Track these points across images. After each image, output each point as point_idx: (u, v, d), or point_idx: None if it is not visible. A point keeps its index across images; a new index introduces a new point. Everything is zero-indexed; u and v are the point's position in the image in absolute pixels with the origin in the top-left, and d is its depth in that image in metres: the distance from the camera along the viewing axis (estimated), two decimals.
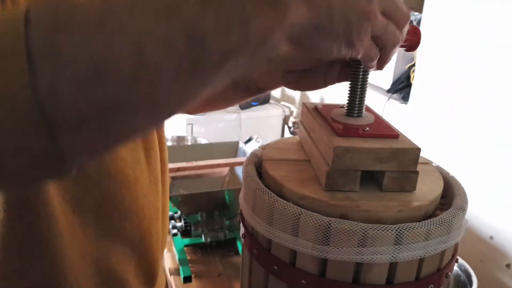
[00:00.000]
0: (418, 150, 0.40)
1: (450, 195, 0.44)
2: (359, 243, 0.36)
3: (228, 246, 1.00)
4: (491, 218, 1.26)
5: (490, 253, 1.27)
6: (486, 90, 1.26)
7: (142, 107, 0.27)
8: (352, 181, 0.40)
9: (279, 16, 0.28)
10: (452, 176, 0.47)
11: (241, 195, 0.46)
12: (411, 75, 1.59)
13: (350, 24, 0.32)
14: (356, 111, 0.44)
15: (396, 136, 0.42)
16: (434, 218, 0.37)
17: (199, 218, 1.03)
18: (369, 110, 0.48)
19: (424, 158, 0.49)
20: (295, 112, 2.41)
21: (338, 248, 0.36)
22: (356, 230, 0.35)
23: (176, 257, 0.95)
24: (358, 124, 0.43)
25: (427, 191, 0.41)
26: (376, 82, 1.78)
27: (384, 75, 1.74)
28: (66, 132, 0.26)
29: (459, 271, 0.97)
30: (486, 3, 1.24)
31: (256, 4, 0.27)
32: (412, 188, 0.41)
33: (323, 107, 0.48)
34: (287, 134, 2.37)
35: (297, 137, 0.54)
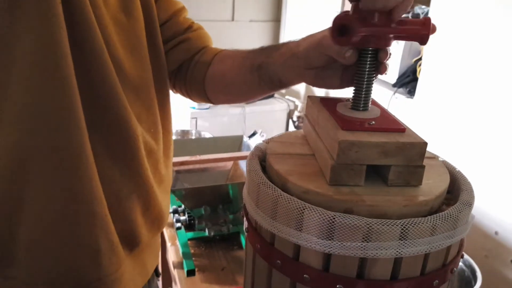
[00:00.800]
0: (425, 144, 0.39)
1: (457, 190, 0.44)
2: (363, 238, 0.35)
3: (232, 240, 1.00)
4: (496, 213, 1.25)
5: (495, 248, 1.26)
6: (494, 84, 1.25)
7: None
8: (357, 175, 0.39)
9: None
10: (458, 171, 0.46)
11: (244, 189, 0.46)
12: (418, 69, 1.58)
13: None
14: (362, 105, 0.44)
15: (403, 130, 0.41)
16: (440, 213, 0.37)
17: (203, 212, 1.03)
18: (375, 103, 0.47)
19: (430, 152, 0.49)
20: (300, 106, 2.40)
21: (342, 243, 0.35)
22: (360, 225, 0.35)
23: (180, 250, 0.96)
24: (364, 117, 0.43)
25: (433, 186, 0.41)
26: (382, 76, 1.76)
27: (390, 69, 1.72)
28: None
29: (463, 267, 0.96)
30: None
31: None
32: (418, 183, 0.40)
33: (329, 101, 0.48)
34: (292, 129, 2.37)
35: (301, 131, 0.53)
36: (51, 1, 0.43)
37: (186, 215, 1.05)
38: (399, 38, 0.41)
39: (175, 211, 1.07)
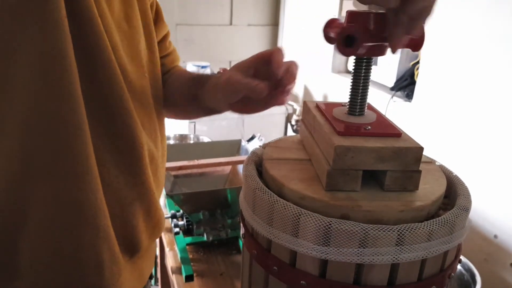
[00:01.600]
0: (421, 149, 0.39)
1: (454, 195, 0.43)
2: (360, 244, 0.35)
3: (230, 245, 1.00)
4: (495, 217, 1.25)
5: (494, 252, 1.26)
6: (491, 87, 1.25)
7: None
8: (354, 180, 0.39)
9: None
10: (455, 175, 0.46)
11: (241, 195, 0.46)
12: (415, 73, 1.58)
13: None
14: (357, 110, 0.44)
15: (399, 134, 0.41)
16: (437, 219, 0.37)
17: (201, 217, 1.03)
18: (371, 108, 0.47)
19: (427, 157, 0.49)
20: (298, 110, 2.40)
21: (338, 249, 0.35)
22: (356, 231, 0.35)
23: (178, 255, 0.95)
24: (360, 122, 0.43)
25: (429, 190, 0.41)
26: (380, 79, 1.77)
27: (387, 72, 1.73)
28: None
29: (462, 270, 0.96)
30: (491, 0, 1.23)
31: None
32: (415, 188, 0.40)
33: (325, 106, 0.48)
34: (290, 132, 2.37)
35: (298, 136, 0.53)
36: (56, 11, 0.43)
37: (185, 220, 1.04)
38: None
39: (174, 216, 1.06)
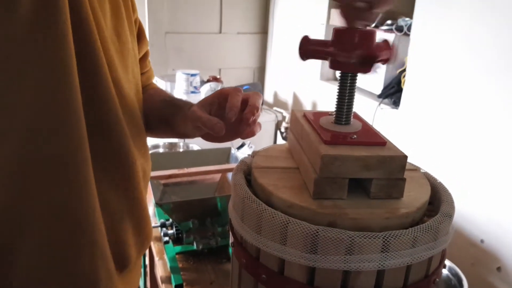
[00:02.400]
0: (405, 157, 0.40)
1: (438, 202, 0.44)
2: (346, 251, 0.36)
3: (220, 253, 1.00)
4: (481, 222, 1.27)
5: (481, 256, 1.28)
6: (476, 95, 1.27)
7: None
8: (340, 188, 0.40)
9: None
10: (439, 182, 0.47)
11: (230, 203, 0.46)
12: (402, 80, 1.61)
13: None
14: (344, 119, 0.45)
15: (383, 143, 0.42)
16: (421, 225, 0.38)
17: (191, 225, 1.03)
18: (357, 117, 0.48)
19: (412, 164, 0.50)
20: (287, 117, 2.42)
21: (325, 256, 0.36)
22: (343, 238, 0.35)
23: (168, 265, 0.95)
24: (346, 131, 0.43)
25: (414, 198, 0.42)
26: (367, 87, 1.79)
27: (375, 80, 1.75)
28: None
29: (450, 275, 0.97)
30: (476, 9, 1.26)
31: None
32: (400, 195, 0.41)
33: (312, 115, 0.49)
34: (280, 139, 2.38)
35: (286, 144, 0.54)
36: (65, 25, 0.43)
37: (174, 229, 1.04)
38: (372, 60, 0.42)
39: (163, 225, 1.06)
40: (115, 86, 0.52)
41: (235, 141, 2.16)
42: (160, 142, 1.89)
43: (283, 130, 2.34)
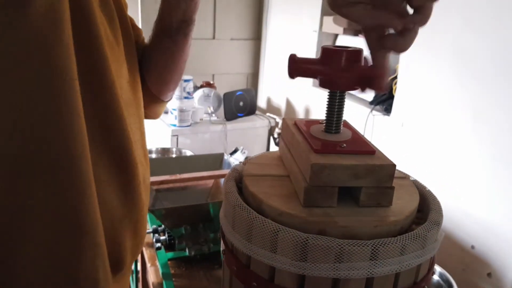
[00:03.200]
0: (393, 166, 0.41)
1: (426, 209, 0.45)
2: (335, 259, 0.36)
3: (213, 260, 1.00)
4: (472, 228, 1.28)
5: (472, 262, 1.29)
6: (467, 102, 1.29)
7: None
8: (330, 197, 0.40)
9: None
10: (428, 190, 0.48)
11: (221, 211, 0.47)
12: (393, 87, 1.62)
13: None
14: (334, 128, 0.45)
15: (372, 152, 0.42)
16: (409, 233, 0.38)
17: (183, 231, 1.03)
18: (347, 126, 0.49)
19: (401, 172, 0.50)
20: (280, 123, 2.43)
21: (315, 264, 0.36)
22: (332, 246, 0.36)
23: (160, 271, 0.95)
24: (336, 140, 0.44)
25: (403, 206, 0.42)
26: (359, 94, 1.81)
27: None
28: None
29: (440, 281, 0.98)
30: (466, 17, 1.28)
31: None
32: (389, 203, 0.42)
33: (303, 123, 0.49)
34: (273, 145, 2.39)
35: (278, 152, 0.55)
36: (65, 32, 0.43)
37: (166, 235, 1.04)
38: (359, 83, 0.43)
39: (155, 231, 1.06)
40: (118, 90, 0.53)
41: (228, 146, 2.16)
42: (153, 148, 1.89)
43: (276, 136, 2.35)
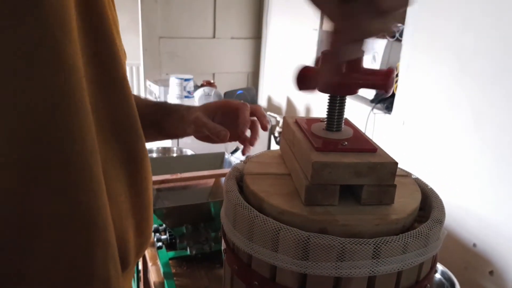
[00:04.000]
0: (395, 164, 0.40)
1: (429, 207, 0.45)
2: (337, 258, 0.36)
3: (214, 259, 1.00)
4: (474, 226, 1.28)
5: (474, 260, 1.28)
6: (468, 100, 1.29)
7: None
8: (331, 195, 0.40)
9: None
10: (430, 188, 0.48)
11: (222, 210, 0.47)
12: (394, 86, 1.62)
13: None
14: (335, 126, 0.45)
15: (374, 150, 0.42)
16: (411, 231, 0.38)
17: (184, 231, 1.02)
18: (348, 123, 0.49)
19: (403, 170, 0.50)
20: (281, 122, 2.42)
21: (317, 263, 0.36)
22: (334, 245, 0.36)
23: (161, 270, 0.94)
24: (337, 138, 0.44)
25: (405, 204, 0.42)
26: (360, 92, 1.80)
27: None
28: None
29: (442, 279, 0.98)
30: (466, 15, 1.28)
31: None
32: (390, 201, 0.41)
33: (304, 121, 0.49)
34: (273, 144, 2.38)
35: (279, 150, 0.54)
36: (70, 27, 0.43)
37: (167, 234, 1.04)
38: (365, 87, 0.43)
39: (156, 230, 1.06)
40: (129, 87, 0.54)
41: (228, 146, 2.16)
42: (154, 147, 1.89)
43: (276, 134, 2.35)
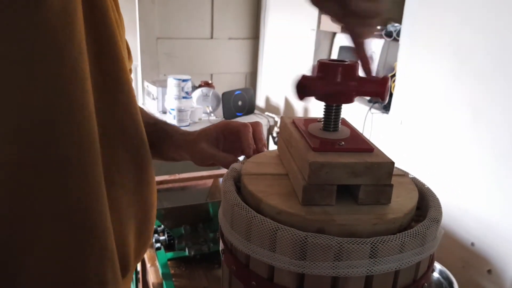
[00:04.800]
0: (392, 164, 0.40)
1: (426, 207, 0.45)
2: (335, 257, 0.36)
3: (212, 259, 1.00)
4: (472, 225, 1.28)
5: (472, 259, 1.29)
6: (465, 99, 1.29)
7: None
8: (329, 195, 0.40)
9: None
10: (427, 187, 0.48)
11: (220, 210, 0.47)
12: (392, 85, 1.62)
13: None
14: (332, 126, 0.45)
15: (371, 150, 0.42)
16: (408, 231, 0.38)
17: (183, 231, 1.02)
18: (345, 123, 0.49)
19: (400, 170, 0.50)
20: (279, 122, 2.42)
21: (314, 263, 0.36)
22: (331, 245, 0.36)
23: (160, 271, 0.95)
24: (334, 138, 0.44)
25: (402, 203, 0.42)
26: None
27: None
28: None
29: (441, 278, 0.98)
30: (463, 14, 1.28)
31: None
32: (387, 201, 0.41)
33: (301, 121, 0.49)
34: (271, 144, 2.38)
35: (276, 150, 0.54)
36: (75, 28, 0.43)
37: (166, 235, 1.04)
38: (361, 95, 0.43)
39: (155, 231, 1.06)
40: (133, 90, 0.54)
41: None
42: None
43: (275, 135, 2.35)
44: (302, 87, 0.42)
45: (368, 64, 0.43)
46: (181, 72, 2.43)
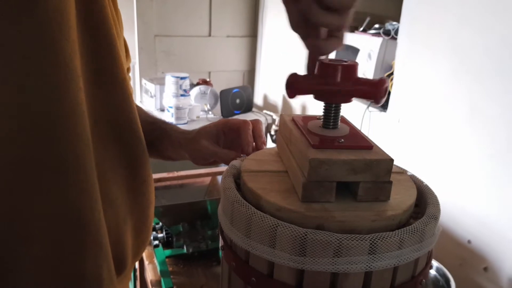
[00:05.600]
0: (391, 161, 0.41)
1: (424, 204, 0.45)
2: (334, 254, 0.36)
3: (211, 257, 1.00)
4: (468, 223, 1.29)
5: (468, 257, 1.30)
6: (464, 97, 1.30)
7: None
8: (328, 192, 0.40)
9: None
10: (426, 185, 0.48)
11: (220, 207, 0.47)
12: (390, 84, 1.63)
13: None
14: (331, 124, 0.45)
15: (370, 147, 0.43)
16: (407, 227, 0.38)
17: (181, 229, 1.03)
18: (344, 121, 0.49)
19: (398, 167, 0.51)
20: (277, 120, 2.43)
21: (314, 259, 0.36)
22: (331, 241, 0.36)
23: (158, 268, 0.95)
24: (334, 135, 0.44)
25: (400, 200, 0.42)
26: None
27: None
28: None
29: (437, 276, 0.99)
30: (462, 13, 1.28)
31: None
32: (386, 198, 0.42)
33: (300, 119, 0.49)
34: (270, 142, 2.39)
35: (276, 148, 0.55)
36: (69, 26, 0.42)
37: (164, 232, 1.04)
38: (356, 96, 0.43)
39: (153, 229, 1.06)
40: (129, 88, 0.54)
41: None
42: None
43: (273, 133, 2.35)
44: (289, 85, 0.43)
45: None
46: (179, 69, 2.43)
